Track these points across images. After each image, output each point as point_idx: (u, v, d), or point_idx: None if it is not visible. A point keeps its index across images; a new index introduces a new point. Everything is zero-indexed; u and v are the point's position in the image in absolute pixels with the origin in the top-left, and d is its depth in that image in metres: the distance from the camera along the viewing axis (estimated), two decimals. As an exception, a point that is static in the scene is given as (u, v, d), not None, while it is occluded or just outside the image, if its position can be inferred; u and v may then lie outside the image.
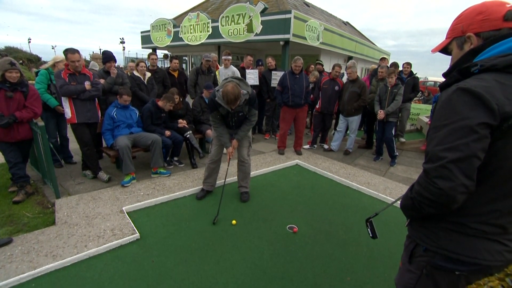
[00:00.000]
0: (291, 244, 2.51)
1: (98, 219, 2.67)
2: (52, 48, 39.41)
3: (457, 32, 0.96)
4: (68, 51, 3.24)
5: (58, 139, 4.00)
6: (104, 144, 4.38)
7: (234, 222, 2.81)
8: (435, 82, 15.77)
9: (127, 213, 2.84)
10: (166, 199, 3.20)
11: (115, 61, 4.15)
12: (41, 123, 2.98)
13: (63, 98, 3.27)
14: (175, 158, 4.34)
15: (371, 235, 1.38)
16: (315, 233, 2.69)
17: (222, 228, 2.70)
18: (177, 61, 5.36)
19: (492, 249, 0.92)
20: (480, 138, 0.80)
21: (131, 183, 3.50)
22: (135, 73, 4.46)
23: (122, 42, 37.48)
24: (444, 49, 1.04)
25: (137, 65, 4.59)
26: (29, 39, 39.58)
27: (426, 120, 7.01)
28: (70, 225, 2.54)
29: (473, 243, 0.93)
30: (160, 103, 3.97)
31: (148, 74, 4.68)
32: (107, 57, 4.08)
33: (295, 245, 2.51)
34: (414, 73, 5.68)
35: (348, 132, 5.33)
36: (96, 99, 3.54)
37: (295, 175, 4.19)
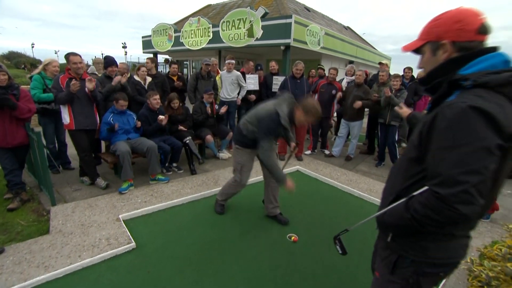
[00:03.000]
0: (291, 254, 2.45)
1: (93, 227, 2.61)
2: (55, 53, 39.76)
3: (432, 36, 0.95)
4: (70, 54, 3.23)
5: (56, 145, 3.96)
6: (103, 150, 4.36)
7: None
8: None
9: (123, 221, 2.78)
10: (163, 207, 3.14)
11: (116, 66, 4.13)
12: (37, 129, 2.95)
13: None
14: (174, 164, 4.29)
15: (340, 252, 1.35)
16: (316, 243, 2.61)
17: (220, 237, 2.63)
18: (176, 66, 5.34)
19: (465, 246, 1.02)
20: (495, 160, 0.78)
21: (129, 190, 3.44)
22: (135, 77, 4.43)
23: (124, 47, 37.71)
24: (416, 50, 1.02)
25: (138, 69, 4.56)
26: (33, 44, 39.90)
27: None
28: (65, 234, 2.48)
29: (455, 246, 1.00)
30: (149, 104, 3.93)
31: (149, 79, 4.66)
32: (109, 62, 4.05)
33: (295, 255, 2.44)
34: (416, 77, 5.65)
35: (349, 137, 5.27)
36: (95, 105, 3.51)
37: (296, 181, 4.02)
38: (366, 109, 5.19)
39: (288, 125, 2.40)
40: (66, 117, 3.24)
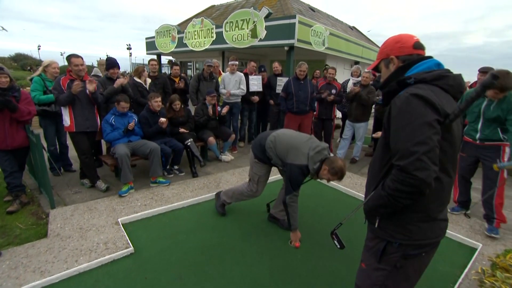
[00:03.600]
0: (293, 260, 2.40)
1: (92, 231, 2.60)
2: (61, 55, 40.28)
3: (383, 55, 1.25)
4: (71, 56, 3.25)
5: (58, 147, 3.98)
6: (104, 152, 4.37)
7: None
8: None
9: (122, 225, 2.76)
10: (163, 210, 3.12)
11: (118, 67, 4.14)
12: (37, 131, 2.95)
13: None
14: (175, 167, 4.28)
15: (338, 246, 1.49)
16: (318, 248, 2.56)
17: (220, 242, 2.60)
18: (177, 67, 5.34)
19: (444, 227, 1.22)
20: (437, 132, 1.01)
21: (129, 193, 3.43)
22: (136, 79, 4.44)
23: (129, 48, 38.10)
24: (376, 68, 1.32)
25: (141, 71, 4.56)
26: (39, 46, 40.55)
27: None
28: (63, 237, 2.47)
29: (435, 227, 1.17)
30: (150, 106, 3.93)
31: (149, 80, 4.66)
32: (111, 63, 4.06)
33: (297, 261, 2.39)
34: None
35: (354, 139, 5.19)
36: (96, 107, 3.52)
37: None
38: (372, 111, 5.12)
39: (309, 178, 2.46)
40: (66, 119, 3.25)
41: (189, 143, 4.19)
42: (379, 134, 4.51)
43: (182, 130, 4.31)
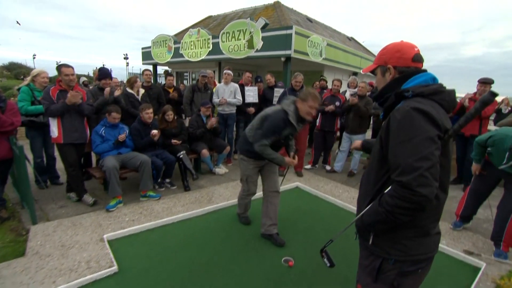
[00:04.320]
0: (286, 281, 2.31)
1: (74, 248, 2.51)
2: (57, 64, 40.77)
3: (381, 61, 1.24)
4: (62, 66, 3.24)
5: (45, 158, 3.92)
6: (94, 164, 4.31)
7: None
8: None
9: (108, 241, 2.68)
10: (152, 226, 3.04)
11: (111, 78, 4.14)
12: (20, 142, 2.90)
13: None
14: (167, 180, 4.22)
15: (328, 264, 1.44)
16: (313, 268, 2.48)
17: (210, 261, 2.52)
18: (172, 78, 5.36)
19: (437, 241, 1.23)
20: (438, 147, 1.01)
21: (117, 208, 3.35)
22: (128, 89, 4.43)
23: (126, 58, 38.55)
24: (372, 71, 1.32)
25: (134, 81, 4.56)
26: (34, 55, 40.91)
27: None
28: (42, 256, 2.38)
29: (430, 242, 1.17)
30: (142, 117, 3.90)
31: (142, 91, 4.65)
32: (103, 74, 4.06)
33: (290, 281, 2.31)
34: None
35: (352, 152, 5.17)
36: (86, 118, 3.49)
37: (295, 199, 4.01)
38: (370, 122, 5.12)
39: (296, 124, 2.48)
40: (54, 130, 3.21)
41: (181, 156, 4.15)
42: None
43: (174, 142, 4.27)
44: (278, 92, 5.31)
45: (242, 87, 5.32)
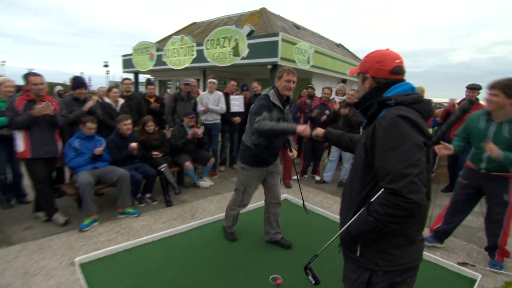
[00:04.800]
0: (273, 302, 2.25)
1: (39, 275, 2.37)
2: (28, 72, 40.00)
3: (363, 68, 1.31)
4: (29, 74, 3.15)
5: (10, 175, 3.74)
6: (67, 179, 4.16)
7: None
8: (435, 104, 16.10)
9: (80, 265, 2.55)
10: (130, 246, 2.93)
11: (86, 88, 4.05)
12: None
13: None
14: (148, 195, 4.12)
15: (313, 282, 1.42)
16: (301, 286, 2.42)
17: (193, 282, 2.43)
18: (153, 87, 5.31)
19: (422, 248, 1.27)
20: (424, 154, 1.07)
21: (91, 227, 3.23)
22: (106, 99, 4.35)
23: (106, 66, 38.18)
24: (357, 75, 1.38)
25: (109, 90, 4.50)
26: (3, 61, 39.80)
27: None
28: (0, 286, 2.23)
29: (415, 249, 1.22)
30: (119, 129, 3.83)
31: (121, 101, 4.58)
32: (78, 83, 3.97)
33: (278, 302, 2.25)
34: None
35: (342, 161, 5.20)
36: (58, 130, 3.38)
37: (283, 211, 3.87)
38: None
39: (280, 103, 2.54)
40: (20, 144, 3.08)
41: (163, 169, 4.08)
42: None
43: (155, 154, 4.20)
44: (264, 100, 5.32)
45: (227, 96, 5.32)
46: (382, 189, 1.08)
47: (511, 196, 2.56)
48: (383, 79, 1.24)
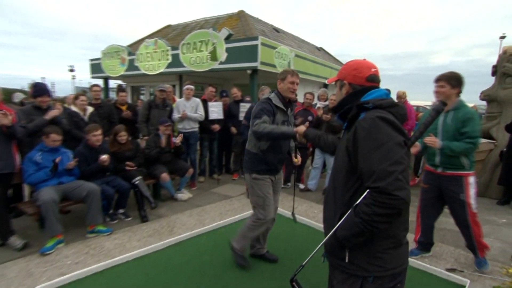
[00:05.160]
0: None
1: (-5, 308, 2.20)
2: (-20, 76, 38.00)
3: (341, 76, 1.43)
4: None
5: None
6: (27, 197, 3.93)
7: None
8: (417, 107, 16.77)
9: (41, 294, 2.39)
10: (101, 268, 2.78)
11: (49, 95, 3.87)
12: None
13: None
14: (120, 211, 3.99)
15: None
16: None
17: (171, 306, 2.34)
18: (124, 94, 5.19)
19: (407, 251, 1.33)
20: (406, 152, 1.16)
21: (56, 249, 3.05)
22: (73, 107, 4.19)
23: (72, 70, 36.96)
24: (335, 82, 1.50)
25: (76, 98, 4.34)
26: None
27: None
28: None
29: (402, 252, 1.28)
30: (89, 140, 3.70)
31: (90, 109, 4.43)
32: (39, 90, 3.77)
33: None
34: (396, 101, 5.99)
35: (326, 168, 5.26)
36: (15, 143, 3.19)
37: None
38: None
39: (283, 106, 2.55)
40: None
41: (137, 182, 3.98)
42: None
43: (129, 166, 4.09)
44: (244, 107, 5.34)
45: (205, 103, 5.29)
46: (368, 190, 1.13)
47: (466, 194, 2.69)
48: (359, 85, 1.36)
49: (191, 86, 5.13)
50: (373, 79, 1.37)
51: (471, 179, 2.71)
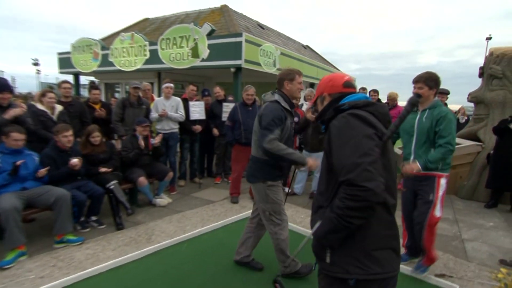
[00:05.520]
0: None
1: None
2: None
3: (319, 92, 1.59)
4: None
5: None
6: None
7: None
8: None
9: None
10: (71, 281, 2.67)
11: (10, 91, 3.70)
12: None
13: None
14: (93, 218, 3.87)
15: None
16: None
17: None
18: (97, 92, 5.08)
19: (395, 259, 1.32)
20: (377, 144, 1.21)
21: (17, 262, 2.91)
22: (39, 106, 4.03)
23: (36, 64, 35.56)
24: (315, 102, 1.64)
25: (43, 95, 4.18)
26: None
27: (400, 152, 7.40)
28: None
29: (389, 256, 1.27)
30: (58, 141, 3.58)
31: (59, 107, 4.28)
32: None
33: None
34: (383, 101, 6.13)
35: (312, 171, 5.31)
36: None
37: None
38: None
39: (290, 108, 2.63)
40: None
41: (112, 187, 3.88)
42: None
43: (103, 169, 4.00)
44: (227, 107, 5.33)
45: (186, 102, 5.24)
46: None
47: (435, 195, 2.78)
48: (338, 93, 1.50)
49: (171, 84, 5.08)
50: (349, 85, 1.51)
51: (443, 181, 2.79)
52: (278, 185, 2.71)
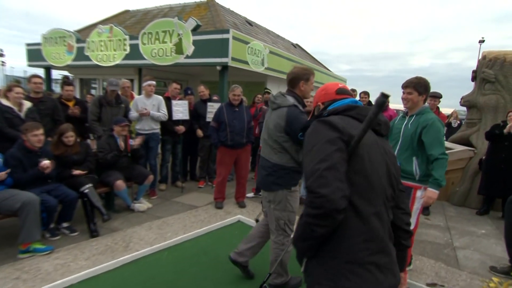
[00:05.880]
0: None
1: None
2: None
3: (315, 103, 1.68)
4: None
5: None
6: None
7: None
8: (398, 111, 17.65)
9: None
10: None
11: None
12: None
13: None
14: (65, 224, 3.79)
15: None
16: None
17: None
18: (71, 88, 4.97)
19: (381, 277, 1.21)
20: (339, 149, 1.20)
21: (-21, 273, 2.80)
22: (4, 101, 3.91)
23: (0, 55, 34.43)
24: (313, 113, 1.71)
25: (9, 90, 4.05)
26: None
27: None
28: None
29: (367, 272, 1.18)
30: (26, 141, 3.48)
31: (28, 104, 4.16)
32: None
33: None
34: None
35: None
36: None
37: (237, 236, 3.90)
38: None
39: (302, 109, 2.62)
40: None
41: (86, 190, 3.81)
42: None
43: (76, 172, 3.92)
44: (212, 107, 5.31)
45: (168, 101, 5.20)
46: None
47: (410, 206, 2.77)
48: (331, 100, 1.56)
49: (153, 82, 5.03)
50: (343, 92, 1.58)
51: (419, 193, 2.81)
52: (296, 193, 2.71)
